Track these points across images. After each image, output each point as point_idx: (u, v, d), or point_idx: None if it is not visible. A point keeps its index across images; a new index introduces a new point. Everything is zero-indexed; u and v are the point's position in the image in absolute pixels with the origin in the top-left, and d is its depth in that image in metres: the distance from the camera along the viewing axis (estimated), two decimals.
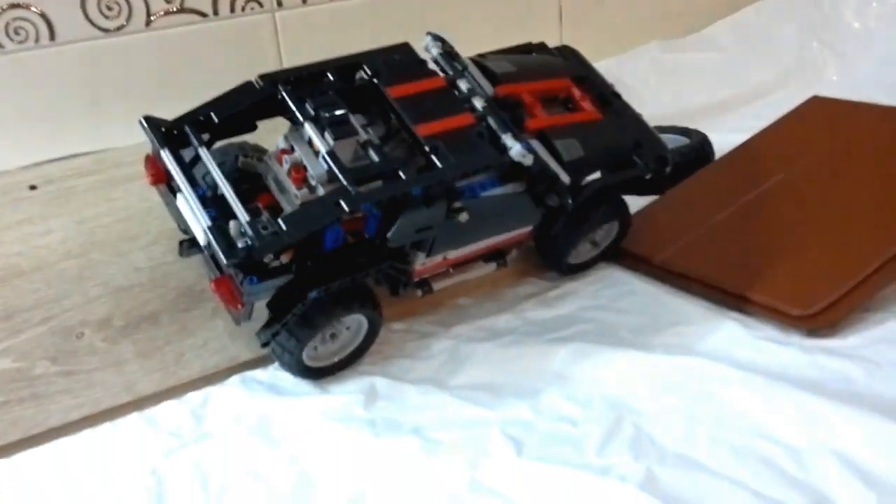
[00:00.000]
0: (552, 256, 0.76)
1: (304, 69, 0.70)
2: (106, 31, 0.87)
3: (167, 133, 0.66)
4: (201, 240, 0.61)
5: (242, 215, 0.61)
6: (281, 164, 0.65)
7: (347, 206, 0.60)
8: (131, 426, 0.64)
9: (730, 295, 0.70)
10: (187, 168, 0.64)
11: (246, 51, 0.93)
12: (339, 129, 0.63)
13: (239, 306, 0.62)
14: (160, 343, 0.69)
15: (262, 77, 0.68)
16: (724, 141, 0.89)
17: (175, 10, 0.90)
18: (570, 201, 0.68)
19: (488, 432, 0.60)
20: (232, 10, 0.92)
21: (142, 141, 0.78)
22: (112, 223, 0.76)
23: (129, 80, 0.89)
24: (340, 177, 0.61)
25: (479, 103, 0.68)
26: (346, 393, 0.65)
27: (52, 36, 0.85)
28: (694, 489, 0.53)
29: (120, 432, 0.64)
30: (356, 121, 0.66)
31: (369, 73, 0.69)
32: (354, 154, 0.64)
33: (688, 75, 1.10)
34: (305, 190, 0.64)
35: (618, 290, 0.76)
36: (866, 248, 0.69)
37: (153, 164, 0.67)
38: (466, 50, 0.76)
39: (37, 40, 0.84)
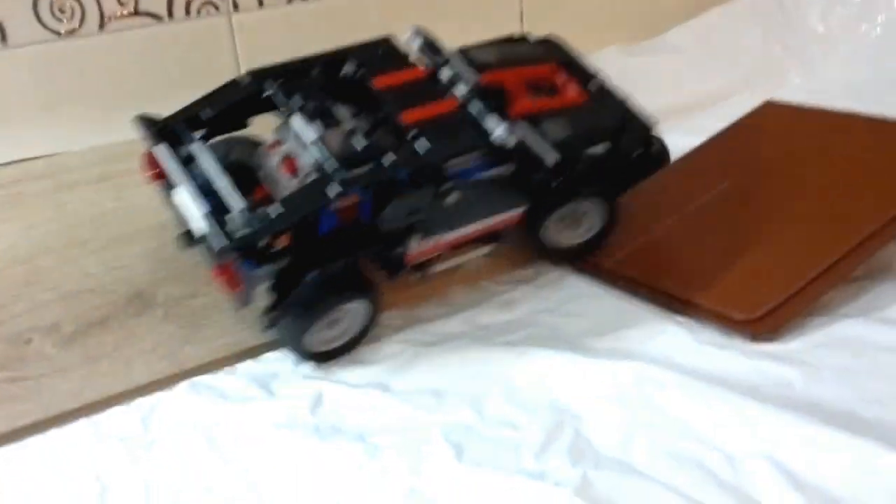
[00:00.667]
0: (539, 240, 0.76)
1: (290, 64, 0.73)
2: (59, 34, 0.87)
3: (161, 130, 0.68)
4: (199, 229, 0.63)
5: (237, 203, 0.63)
6: (272, 156, 0.68)
7: (335, 189, 0.62)
8: (79, 433, 0.64)
9: (675, 299, 0.72)
10: (183, 163, 0.66)
11: (201, 54, 0.94)
12: (326, 119, 0.66)
13: (238, 289, 0.64)
14: (109, 349, 0.69)
15: (250, 73, 0.71)
16: (683, 144, 0.90)
17: (129, 13, 0.90)
18: (554, 182, 0.70)
19: (430, 437, 0.61)
20: (187, 13, 0.92)
21: (94, 145, 0.80)
22: (61, 228, 0.76)
23: (83, 83, 0.89)
24: (328, 162, 0.64)
25: (462, 90, 0.69)
26: (293, 398, 0.66)
27: (4, 38, 0.85)
28: (628, 494, 0.54)
29: (67, 439, 0.64)
30: (343, 112, 0.68)
31: (354, 66, 0.71)
32: (342, 143, 0.66)
33: (649, 79, 1.10)
34: (296, 180, 0.66)
35: (567, 293, 0.76)
36: (811, 253, 0.70)
37: (151, 161, 0.69)
38: None
39: None
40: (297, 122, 0.66)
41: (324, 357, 0.70)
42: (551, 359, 0.67)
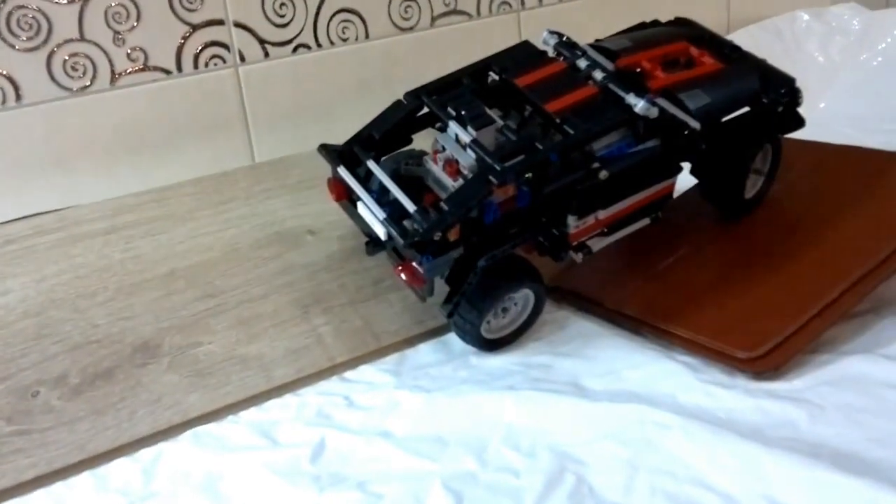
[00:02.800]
0: (729, 200, 0.80)
1: (441, 80, 0.77)
2: (71, 90, 0.88)
3: (340, 155, 0.74)
4: (382, 234, 0.68)
5: (410, 206, 0.68)
6: (436, 163, 0.73)
7: (495, 178, 0.66)
8: (83, 485, 0.63)
9: (678, 338, 0.69)
10: (362, 181, 0.72)
11: (210, 105, 0.94)
12: (479, 120, 0.70)
13: (422, 284, 0.68)
14: (114, 399, 0.68)
15: (408, 94, 0.76)
16: (685, 178, 0.89)
17: (139, 68, 0.90)
18: (703, 146, 0.73)
19: (431, 485, 0.59)
20: (195, 66, 0.93)
21: (104, 198, 0.79)
22: (71, 280, 0.76)
23: (95, 138, 0.89)
24: (485, 157, 0.68)
25: (598, 75, 0.73)
26: (294, 446, 0.64)
27: (18, 97, 0.86)
28: None
29: (72, 491, 0.62)
30: (494, 114, 0.72)
31: (498, 71, 0.76)
32: (496, 139, 0.71)
33: None
34: (460, 180, 0.71)
35: (568, 334, 0.74)
36: (812, 288, 0.68)
37: (334, 184, 0.75)
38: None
39: (3, 102, 0.85)
40: (454, 128, 0.71)
41: (496, 344, 0.73)
42: (552, 402, 0.65)
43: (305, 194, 0.85)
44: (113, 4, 0.88)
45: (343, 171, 0.73)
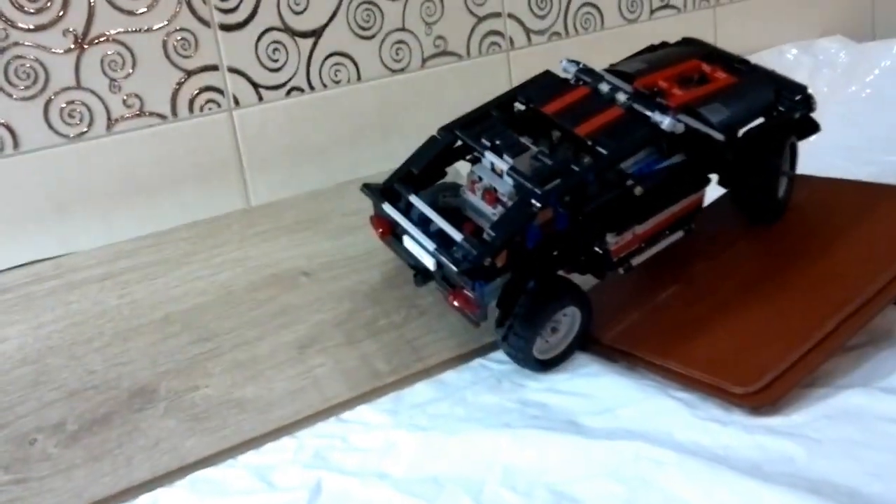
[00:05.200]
0: (763, 203, 0.82)
1: (471, 114, 0.80)
2: (68, 137, 0.88)
3: (383, 192, 0.76)
4: (431, 265, 0.71)
5: (457, 235, 0.70)
6: (474, 193, 0.75)
7: (537, 202, 0.69)
8: None
9: (674, 374, 0.69)
10: (406, 214, 0.75)
11: (205, 149, 0.94)
12: (514, 148, 0.73)
13: (476, 310, 0.70)
14: (111, 445, 0.68)
15: (441, 129, 0.79)
16: None
17: (135, 114, 0.91)
18: (729, 156, 0.76)
19: None
20: (191, 110, 0.93)
21: (103, 244, 0.80)
22: (67, 327, 0.75)
23: (92, 184, 0.90)
24: (525, 183, 0.70)
25: (622, 97, 0.75)
26: (291, 490, 0.64)
27: (16, 145, 0.86)
28: None
29: None
30: (525, 141, 0.75)
31: (524, 100, 0.79)
32: (531, 165, 0.73)
33: None
34: (500, 207, 0.73)
35: (564, 372, 0.74)
36: (808, 321, 0.68)
37: (378, 221, 0.77)
38: None
39: (1, 150, 0.86)
40: (490, 157, 0.73)
41: (548, 365, 0.75)
42: (549, 440, 0.64)
43: (300, 236, 0.85)
44: (109, 53, 0.89)
45: (388, 208, 0.75)
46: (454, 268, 0.68)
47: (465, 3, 1.08)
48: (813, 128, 0.83)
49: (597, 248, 0.73)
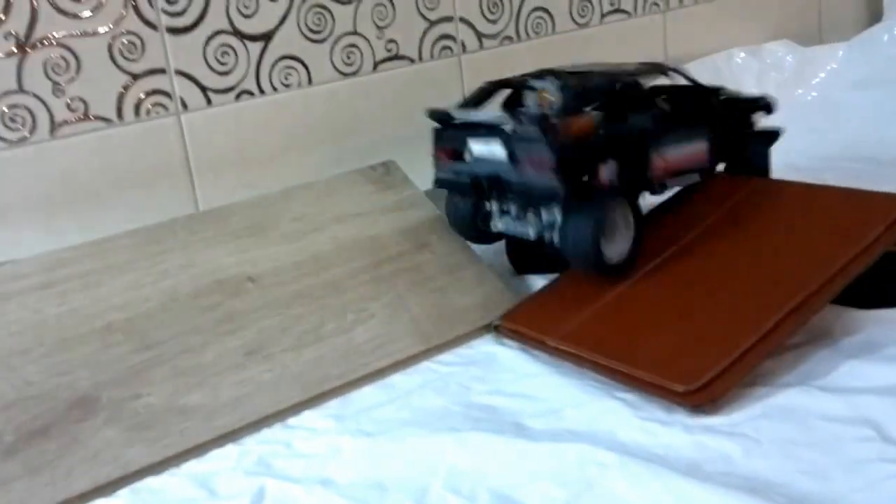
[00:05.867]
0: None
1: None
2: (9, 142, 0.86)
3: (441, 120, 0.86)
4: (509, 129, 0.78)
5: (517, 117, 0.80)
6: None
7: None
8: None
9: (618, 373, 0.69)
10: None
11: (153, 154, 0.93)
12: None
13: (548, 168, 0.75)
14: (51, 457, 0.66)
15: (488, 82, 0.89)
16: None
17: (79, 118, 0.89)
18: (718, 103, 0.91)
19: None
20: (137, 114, 0.92)
21: (44, 252, 0.78)
22: (4, 337, 0.73)
23: (33, 190, 0.87)
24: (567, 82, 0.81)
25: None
26: (232, 497, 0.62)
27: None
28: None
29: None
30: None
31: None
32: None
33: None
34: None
35: (512, 374, 0.74)
36: (747, 320, 0.68)
37: (440, 151, 0.86)
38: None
39: None
40: (535, 83, 0.83)
41: (615, 269, 0.79)
42: (494, 443, 0.64)
43: (246, 241, 0.83)
44: (52, 56, 0.87)
45: (459, 114, 0.84)
46: (532, 125, 0.75)
47: (417, 7, 1.07)
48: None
49: (639, 166, 0.82)
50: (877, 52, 1.27)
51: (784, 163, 1.08)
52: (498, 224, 0.86)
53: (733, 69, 1.27)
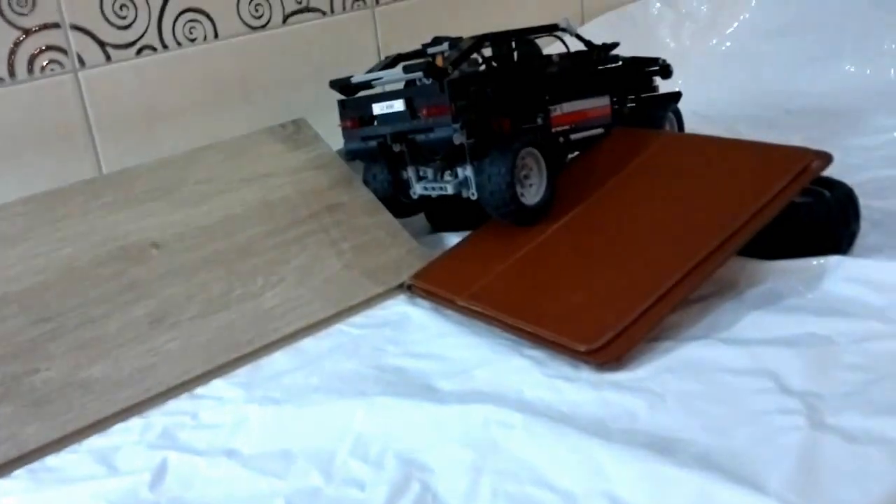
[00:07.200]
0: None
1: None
2: None
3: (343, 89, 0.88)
4: (402, 101, 0.79)
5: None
6: None
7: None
8: None
9: (525, 332, 0.68)
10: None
11: (49, 114, 0.86)
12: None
13: (446, 111, 0.77)
14: None
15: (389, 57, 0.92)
16: None
17: None
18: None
19: None
20: (30, 72, 0.85)
21: None
22: None
23: None
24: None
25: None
26: (134, 472, 0.59)
27: None
28: None
29: None
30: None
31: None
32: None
33: None
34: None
35: (424, 334, 0.72)
36: (651, 276, 0.67)
37: (346, 121, 0.86)
38: None
39: None
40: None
41: (533, 214, 0.80)
42: (402, 407, 0.62)
43: (150, 206, 0.78)
44: None
45: (358, 77, 0.86)
46: (429, 76, 0.77)
47: None
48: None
49: (539, 117, 0.84)
50: (788, 1, 1.26)
51: (698, 113, 1.07)
52: (417, 189, 0.85)
53: (649, 19, 1.24)
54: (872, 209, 0.80)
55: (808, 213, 0.74)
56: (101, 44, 0.89)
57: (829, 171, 0.75)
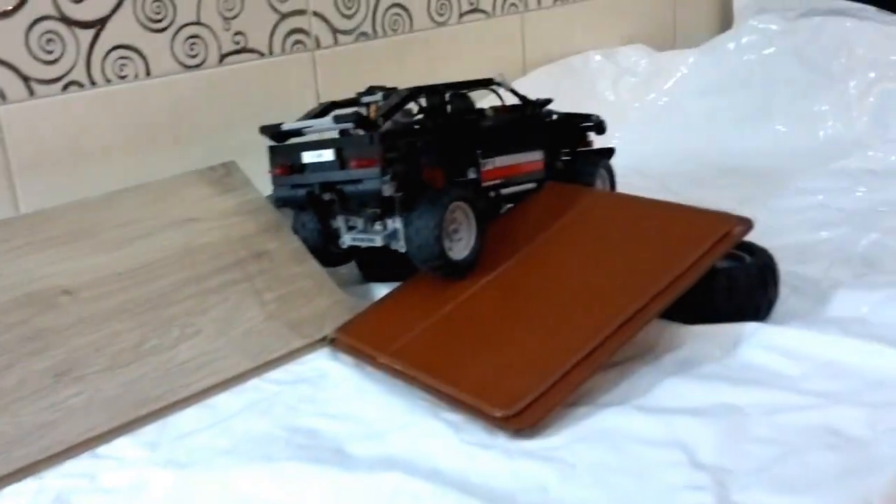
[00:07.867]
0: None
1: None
2: None
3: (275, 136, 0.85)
4: (331, 153, 0.78)
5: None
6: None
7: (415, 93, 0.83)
8: None
9: (443, 394, 0.66)
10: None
11: None
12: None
13: (375, 162, 0.75)
14: None
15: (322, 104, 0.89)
16: None
17: None
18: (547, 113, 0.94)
19: None
20: None
21: None
22: None
23: None
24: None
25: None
26: None
27: None
28: None
29: None
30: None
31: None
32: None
33: None
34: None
35: (342, 392, 0.70)
36: (569, 340, 0.66)
37: (277, 169, 0.84)
38: None
39: None
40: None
41: (460, 268, 0.79)
42: (310, 474, 0.59)
43: (64, 250, 0.75)
44: None
45: (288, 125, 0.84)
46: (359, 129, 0.77)
47: None
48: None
49: (472, 171, 0.84)
50: (724, 59, 1.28)
51: (632, 167, 1.07)
52: (346, 239, 0.83)
53: (589, 72, 1.25)
54: (793, 274, 0.81)
55: (728, 278, 0.74)
56: (25, 78, 0.85)
57: (755, 233, 0.75)
